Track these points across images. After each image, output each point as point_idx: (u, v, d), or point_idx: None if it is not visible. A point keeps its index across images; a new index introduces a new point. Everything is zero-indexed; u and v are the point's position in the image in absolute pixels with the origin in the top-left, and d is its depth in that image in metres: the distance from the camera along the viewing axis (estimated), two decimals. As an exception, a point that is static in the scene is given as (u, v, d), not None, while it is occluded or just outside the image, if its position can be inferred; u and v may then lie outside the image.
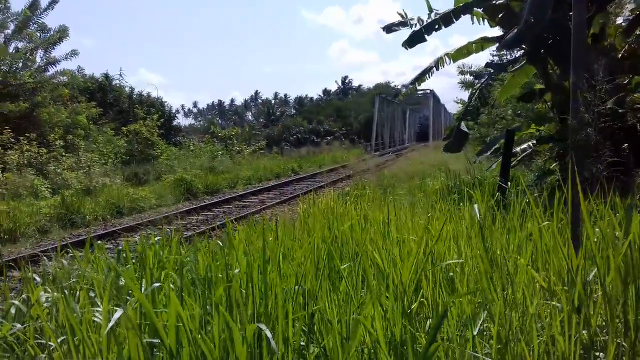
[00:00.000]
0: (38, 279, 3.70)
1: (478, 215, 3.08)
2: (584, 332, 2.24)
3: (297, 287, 2.56)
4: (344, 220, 4.72)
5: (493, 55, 16.57)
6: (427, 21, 9.38)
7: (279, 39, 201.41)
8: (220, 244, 3.80)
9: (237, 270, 2.64)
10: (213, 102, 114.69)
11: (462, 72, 20.11)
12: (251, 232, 4.85)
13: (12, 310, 2.98)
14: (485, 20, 9.45)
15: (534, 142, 9.18)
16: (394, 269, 2.54)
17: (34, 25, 20.89)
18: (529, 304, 2.32)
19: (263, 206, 14.26)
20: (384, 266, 2.76)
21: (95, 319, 2.49)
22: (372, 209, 6.13)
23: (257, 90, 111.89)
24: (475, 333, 2.20)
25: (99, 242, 5.63)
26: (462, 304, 2.48)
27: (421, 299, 2.71)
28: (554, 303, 2.32)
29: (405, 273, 2.50)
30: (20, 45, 20.74)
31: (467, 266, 2.89)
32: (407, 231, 3.71)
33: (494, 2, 8.97)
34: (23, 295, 3.17)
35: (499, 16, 8.97)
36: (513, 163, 8.57)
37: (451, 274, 2.97)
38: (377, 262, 2.83)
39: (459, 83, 20.73)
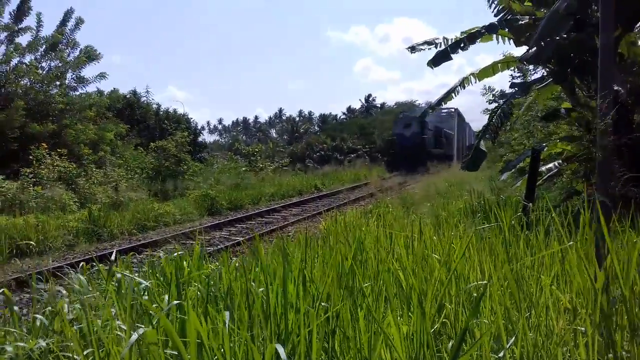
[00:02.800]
0: (64, 291, 3.77)
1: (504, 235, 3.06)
2: (609, 355, 2.20)
3: (318, 304, 2.58)
4: (367, 238, 4.71)
5: (513, 70, 16.37)
6: (452, 40, 9.42)
7: (304, 57, 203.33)
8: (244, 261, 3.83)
9: (261, 289, 2.67)
10: (238, 119, 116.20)
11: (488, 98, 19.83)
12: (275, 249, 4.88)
13: (37, 323, 3.05)
14: (511, 40, 9.44)
15: (560, 161, 9.07)
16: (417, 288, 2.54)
17: (64, 44, 21.44)
18: (554, 326, 2.29)
19: (286, 222, 14.30)
20: (407, 285, 2.76)
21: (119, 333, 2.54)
22: (395, 228, 6.10)
23: (280, 108, 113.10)
24: (500, 355, 2.18)
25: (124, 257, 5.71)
26: (485, 325, 2.46)
27: (444, 320, 2.69)
28: (578, 327, 2.28)
29: (429, 293, 2.49)
30: (52, 64, 21.31)
31: (490, 286, 2.86)
32: (430, 250, 3.70)
33: (520, 22, 8.96)
34: (48, 308, 3.24)
35: (526, 35, 8.96)
36: (538, 182, 8.47)
37: (475, 294, 2.94)
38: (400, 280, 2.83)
39: (483, 111, 20.39)
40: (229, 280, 3.05)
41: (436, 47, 9.63)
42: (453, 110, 52.31)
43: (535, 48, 7.46)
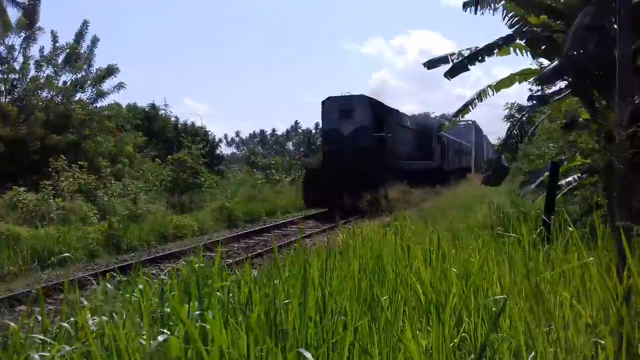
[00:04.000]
0: (85, 302, 3.82)
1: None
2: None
3: (337, 316, 2.59)
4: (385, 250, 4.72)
5: (531, 84, 16.23)
6: (468, 54, 9.42)
7: (320, 69, 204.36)
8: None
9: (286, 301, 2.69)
10: (255, 131, 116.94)
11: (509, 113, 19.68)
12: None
13: (62, 332, 3.09)
14: (528, 52, 9.40)
15: (580, 174, 8.98)
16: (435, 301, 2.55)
17: (82, 60, 21.74)
18: (575, 340, 2.28)
19: (302, 235, 14.29)
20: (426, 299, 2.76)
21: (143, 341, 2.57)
22: (413, 241, 6.09)
23: (296, 120, 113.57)
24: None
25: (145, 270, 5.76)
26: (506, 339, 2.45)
27: (463, 334, 2.69)
28: (598, 340, 2.26)
29: (447, 307, 2.50)
30: (73, 77, 21.67)
31: (510, 300, 2.85)
32: (449, 263, 3.69)
33: (537, 33, 8.93)
34: (71, 319, 3.29)
35: (542, 47, 8.93)
36: (558, 196, 8.40)
37: (494, 309, 2.93)
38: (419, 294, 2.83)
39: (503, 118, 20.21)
40: (249, 290, 3.08)
41: (452, 62, 9.63)
42: (471, 122, 51.94)
43: (554, 65, 7.43)
